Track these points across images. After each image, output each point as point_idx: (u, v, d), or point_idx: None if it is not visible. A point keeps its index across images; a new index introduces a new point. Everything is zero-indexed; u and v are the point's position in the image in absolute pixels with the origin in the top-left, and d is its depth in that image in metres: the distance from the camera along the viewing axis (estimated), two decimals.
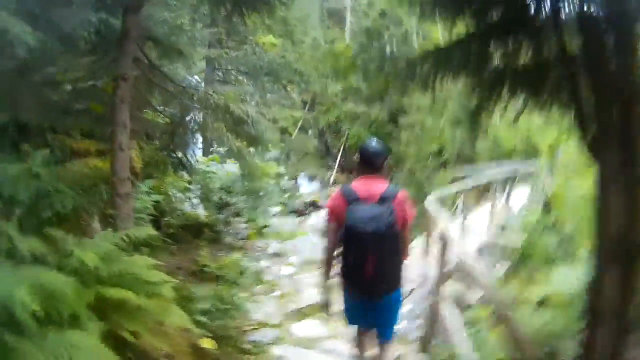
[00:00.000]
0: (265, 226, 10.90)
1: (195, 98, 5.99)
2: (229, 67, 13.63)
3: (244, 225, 10.42)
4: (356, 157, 3.36)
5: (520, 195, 14.69)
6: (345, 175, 25.43)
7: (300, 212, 19.14)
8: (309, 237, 11.17)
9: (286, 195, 19.50)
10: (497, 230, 10.64)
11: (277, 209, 17.43)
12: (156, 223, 7.47)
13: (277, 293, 6.73)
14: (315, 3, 30.53)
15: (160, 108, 7.24)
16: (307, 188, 23.88)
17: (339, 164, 25.80)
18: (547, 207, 13.80)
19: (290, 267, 8.24)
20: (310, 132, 27.62)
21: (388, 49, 27.40)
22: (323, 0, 33.67)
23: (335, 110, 26.47)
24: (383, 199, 2.96)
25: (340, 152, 25.99)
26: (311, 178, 25.25)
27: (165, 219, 8.21)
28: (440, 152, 20.77)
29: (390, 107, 25.03)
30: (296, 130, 25.24)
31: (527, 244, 10.04)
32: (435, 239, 7.34)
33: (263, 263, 8.23)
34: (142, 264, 3.65)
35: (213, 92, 6.14)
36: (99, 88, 5.65)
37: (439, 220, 5.42)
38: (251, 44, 12.53)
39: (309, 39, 23.00)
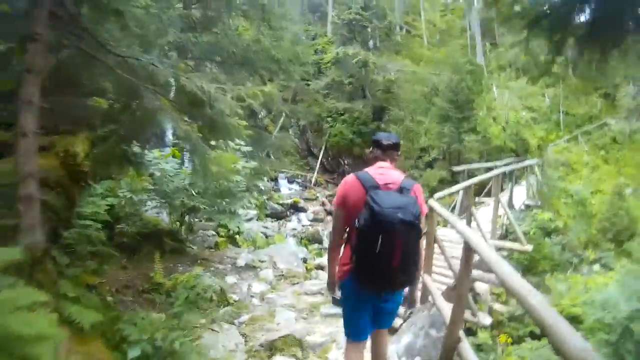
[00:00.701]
0: (238, 232, 9.56)
1: (138, 72, 4.60)
2: (201, 57, 12.26)
3: (212, 232, 9.08)
4: (370, 150, 3.19)
5: (517, 193, 13.80)
6: (327, 176, 24.40)
7: (279, 216, 18.31)
8: (287, 245, 9.87)
9: (265, 197, 18.50)
10: (501, 233, 9.49)
11: (254, 212, 16.25)
12: (110, 231, 6.24)
13: (244, 318, 5.38)
14: None
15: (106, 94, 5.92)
16: (287, 189, 22.77)
17: (320, 164, 24.69)
18: (544, 206, 12.96)
19: (263, 283, 6.84)
20: (291, 131, 26.44)
21: (371, 43, 26.50)
22: None
23: (317, 107, 25.32)
24: (402, 189, 2.83)
25: (322, 152, 24.87)
26: (291, 179, 24.06)
27: (119, 226, 6.91)
28: (427, 150, 19.93)
29: (375, 103, 23.98)
30: (277, 128, 24.07)
31: (533, 249, 8.94)
32: (437, 244, 6.06)
33: (230, 279, 6.83)
34: (21, 304, 2.35)
35: (160, 65, 4.77)
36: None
37: (454, 222, 4.14)
38: (224, 27, 11.11)
39: (289, 34, 22.02)
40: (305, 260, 9.28)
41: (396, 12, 28.90)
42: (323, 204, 20.07)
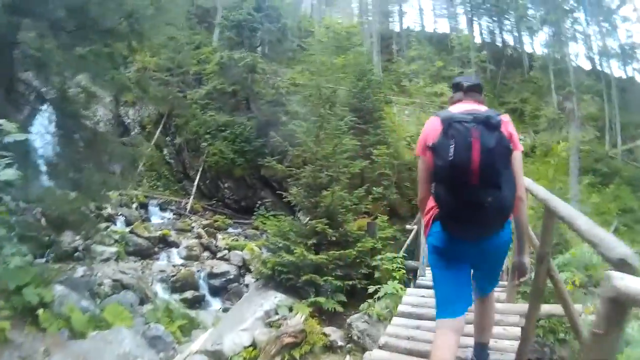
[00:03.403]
0: (42, 305, 5.58)
1: None
2: None
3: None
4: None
5: None
6: (204, 202, 20.73)
7: (145, 253, 14.38)
8: (123, 334, 5.71)
9: (126, 230, 14.95)
10: None
11: (113, 249, 12.47)
12: None
13: None
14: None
15: None
16: (160, 218, 19.12)
17: (197, 188, 20.90)
18: None
19: None
20: (165, 150, 22.48)
21: (260, 49, 23.61)
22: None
23: (195, 121, 21.47)
24: (486, 115, 2.29)
25: (199, 174, 21.01)
26: (164, 206, 20.25)
27: None
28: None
29: (261, 116, 20.55)
30: (152, 142, 20.23)
31: None
32: None
33: None
34: None
35: None
36: None
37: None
38: None
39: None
40: None
41: (291, 16, 26.59)
42: (199, 237, 16.47)
